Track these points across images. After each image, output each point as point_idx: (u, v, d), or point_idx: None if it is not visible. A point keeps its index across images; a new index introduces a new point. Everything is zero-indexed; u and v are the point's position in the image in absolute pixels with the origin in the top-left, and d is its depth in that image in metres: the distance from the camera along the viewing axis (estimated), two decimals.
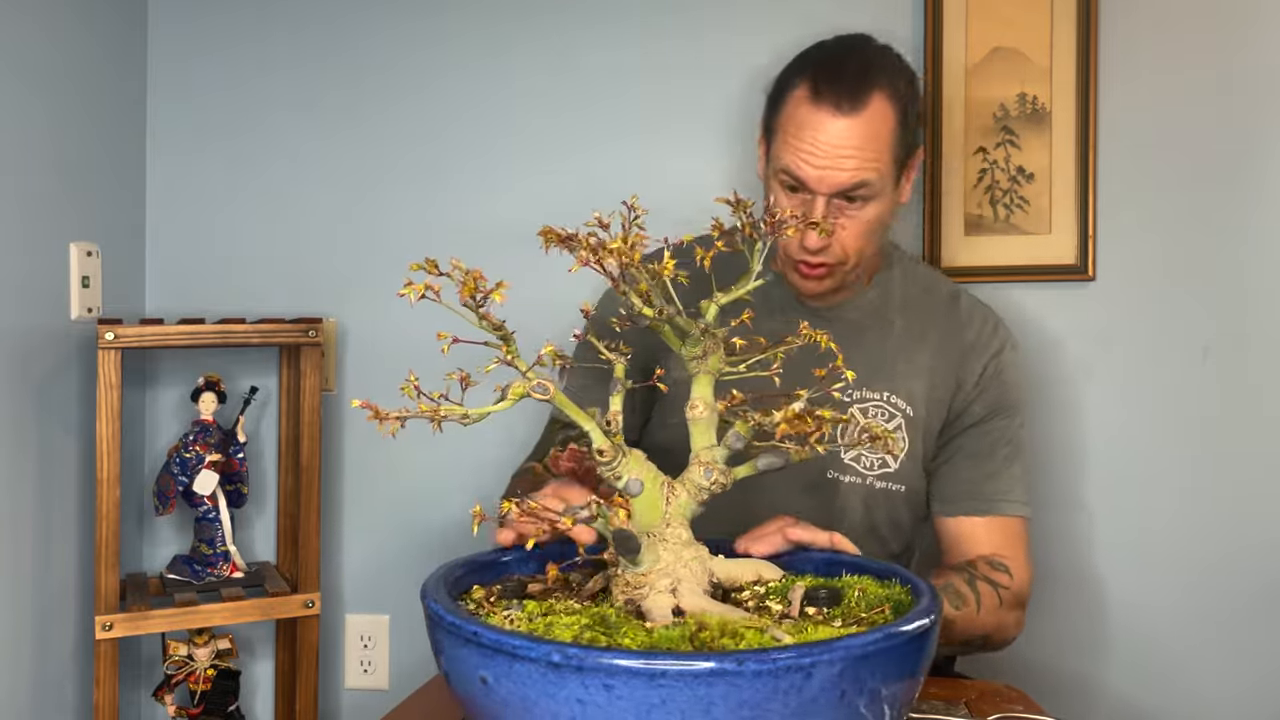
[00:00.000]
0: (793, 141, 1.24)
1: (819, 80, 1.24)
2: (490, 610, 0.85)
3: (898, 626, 0.72)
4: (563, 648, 0.67)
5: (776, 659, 0.66)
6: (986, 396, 1.35)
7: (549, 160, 1.79)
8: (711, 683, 0.64)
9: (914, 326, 1.37)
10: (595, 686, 0.65)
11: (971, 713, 1.05)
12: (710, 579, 0.87)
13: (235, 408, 1.70)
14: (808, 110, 1.23)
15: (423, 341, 1.86)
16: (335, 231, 1.84)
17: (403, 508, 1.83)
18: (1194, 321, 1.64)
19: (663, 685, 0.64)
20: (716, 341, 0.88)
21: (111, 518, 1.50)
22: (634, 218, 0.85)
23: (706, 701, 0.65)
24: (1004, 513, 1.33)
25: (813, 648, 0.68)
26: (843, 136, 1.22)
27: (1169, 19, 1.63)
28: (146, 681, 1.86)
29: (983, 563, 1.28)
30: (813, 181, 1.23)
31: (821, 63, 1.27)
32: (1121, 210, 1.64)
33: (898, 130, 1.25)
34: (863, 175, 1.22)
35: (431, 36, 1.82)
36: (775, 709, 0.66)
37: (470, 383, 0.83)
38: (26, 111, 1.55)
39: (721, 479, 0.87)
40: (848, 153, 1.22)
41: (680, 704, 0.65)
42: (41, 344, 1.59)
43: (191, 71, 1.86)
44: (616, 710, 0.65)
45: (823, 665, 0.67)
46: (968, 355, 1.36)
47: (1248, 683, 1.63)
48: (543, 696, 0.67)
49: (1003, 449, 1.35)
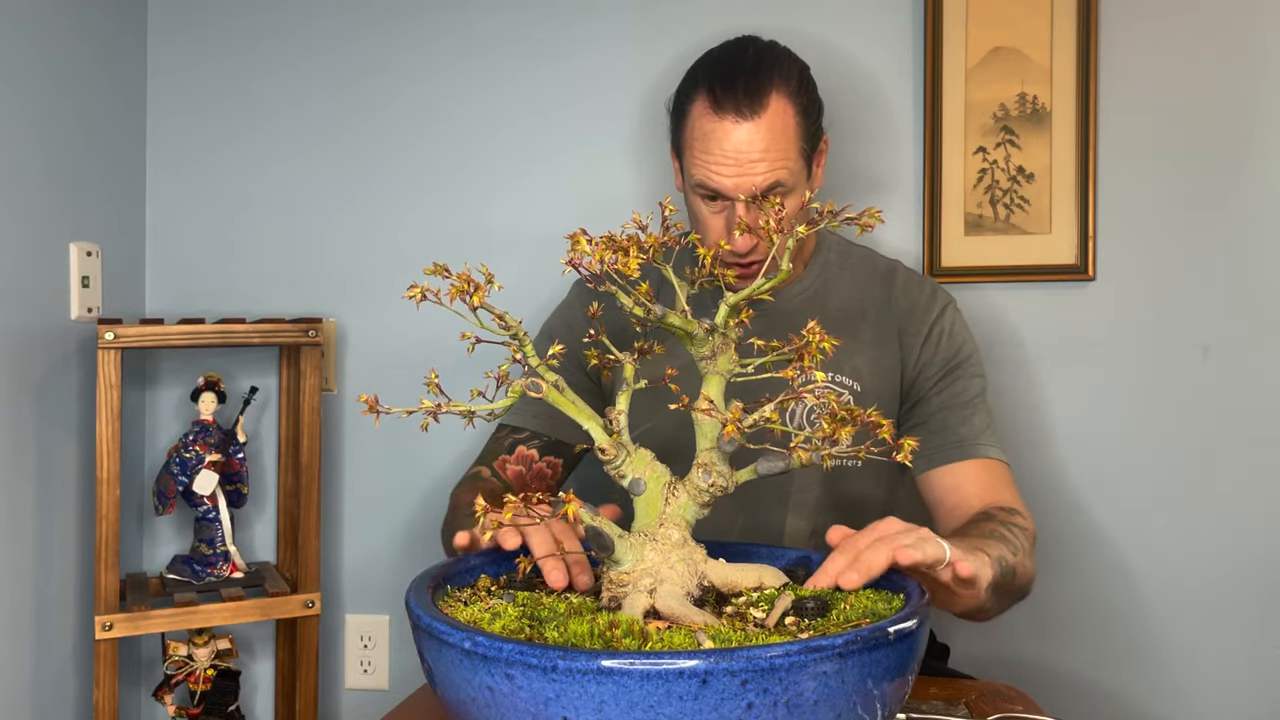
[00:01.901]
0: (701, 156, 1.26)
1: (715, 89, 1.25)
2: (482, 598, 0.88)
3: (814, 642, 0.69)
4: (473, 636, 0.71)
5: (667, 663, 0.66)
6: (940, 356, 1.36)
7: (550, 161, 1.79)
8: (601, 681, 0.66)
9: (852, 305, 1.38)
10: (499, 675, 0.69)
11: (971, 713, 1.05)
12: (701, 582, 0.86)
13: (235, 408, 1.70)
14: (710, 122, 1.25)
15: (422, 341, 1.87)
16: (335, 231, 1.84)
17: (403, 508, 1.83)
18: (1194, 321, 1.64)
19: (555, 680, 0.67)
20: (727, 342, 0.88)
21: (111, 518, 1.50)
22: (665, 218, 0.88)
23: (598, 700, 0.66)
24: (985, 455, 1.32)
25: (710, 655, 0.67)
26: (748, 142, 1.23)
27: (1169, 18, 1.63)
28: (146, 681, 1.86)
29: (998, 510, 1.26)
30: (729, 190, 1.25)
31: (714, 72, 1.28)
32: (1121, 210, 1.64)
33: (800, 123, 1.27)
34: (775, 176, 1.24)
35: (431, 37, 1.82)
36: (670, 713, 0.66)
37: (507, 380, 0.86)
38: (27, 112, 1.55)
39: (720, 481, 0.86)
40: (756, 157, 1.23)
41: (573, 699, 0.67)
42: (41, 344, 1.59)
43: (191, 72, 1.86)
44: (519, 699, 0.69)
45: (720, 674, 0.66)
46: (908, 321, 1.38)
47: (1248, 683, 1.63)
48: (463, 680, 0.73)
49: (967, 400, 1.36)
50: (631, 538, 0.86)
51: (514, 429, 1.43)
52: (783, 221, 0.88)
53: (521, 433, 1.41)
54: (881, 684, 0.73)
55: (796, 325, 0.98)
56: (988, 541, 1.10)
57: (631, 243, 0.85)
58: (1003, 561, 1.09)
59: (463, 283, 0.82)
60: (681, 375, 0.95)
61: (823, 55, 1.71)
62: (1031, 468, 1.67)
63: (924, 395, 1.37)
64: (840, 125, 1.71)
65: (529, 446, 1.39)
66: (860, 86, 1.71)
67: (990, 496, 1.29)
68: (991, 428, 1.36)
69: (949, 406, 1.35)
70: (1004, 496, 1.30)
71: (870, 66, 1.70)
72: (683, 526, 0.87)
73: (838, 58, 1.71)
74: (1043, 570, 1.67)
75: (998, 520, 1.22)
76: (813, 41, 1.71)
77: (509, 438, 1.41)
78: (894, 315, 1.39)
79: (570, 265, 0.85)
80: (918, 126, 1.69)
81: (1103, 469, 1.66)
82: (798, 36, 1.72)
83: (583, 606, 0.86)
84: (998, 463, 1.33)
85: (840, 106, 1.71)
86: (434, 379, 0.86)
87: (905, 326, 1.38)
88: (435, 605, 0.83)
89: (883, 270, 1.43)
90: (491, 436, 1.45)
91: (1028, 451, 1.67)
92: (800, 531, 1.36)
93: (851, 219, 0.86)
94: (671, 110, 1.35)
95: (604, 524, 0.84)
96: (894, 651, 0.74)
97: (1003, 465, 1.34)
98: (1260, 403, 1.62)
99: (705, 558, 0.88)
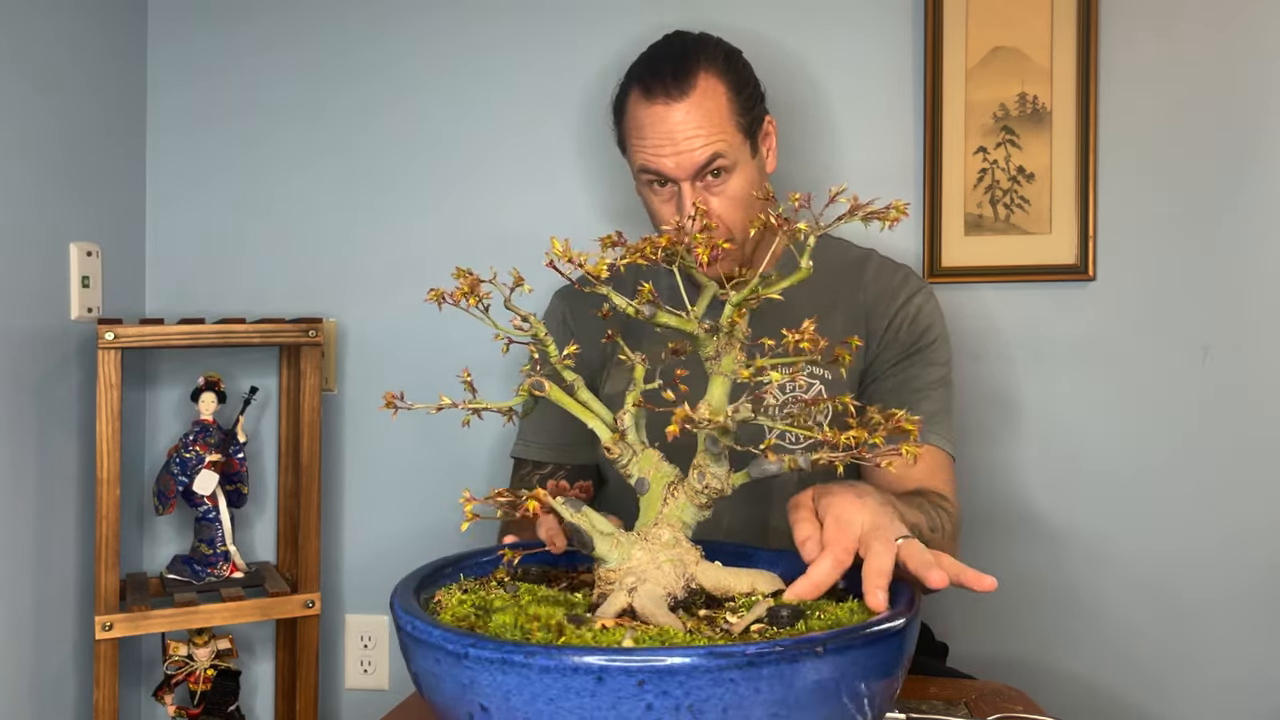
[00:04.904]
0: (638, 143, 1.32)
1: (645, 79, 1.32)
2: (489, 589, 0.91)
3: (719, 648, 0.68)
4: (413, 621, 0.76)
5: (564, 658, 0.67)
6: (900, 340, 1.36)
7: (551, 162, 1.79)
8: (506, 671, 0.69)
9: (822, 296, 1.38)
10: (431, 659, 0.74)
11: (971, 713, 1.05)
12: (689, 584, 0.85)
13: (235, 408, 1.70)
14: (644, 109, 1.31)
15: (422, 341, 1.87)
16: (335, 231, 1.84)
17: (403, 508, 1.83)
18: (1194, 321, 1.64)
19: (468, 667, 0.70)
20: (731, 342, 0.87)
21: (111, 518, 1.50)
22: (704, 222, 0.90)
23: (504, 689, 0.69)
24: (925, 440, 1.30)
25: (607, 653, 0.68)
26: (682, 120, 1.29)
27: (1169, 19, 1.63)
28: (146, 681, 1.86)
29: (930, 492, 1.26)
30: (671, 170, 1.30)
31: (643, 64, 1.35)
32: (1121, 210, 1.64)
33: (733, 99, 1.31)
34: (714, 148, 1.29)
35: (431, 38, 1.82)
36: (570, 708, 0.67)
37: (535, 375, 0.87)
38: (27, 112, 1.55)
39: (715, 483, 0.85)
40: (691, 133, 1.28)
41: (484, 687, 0.70)
42: (41, 344, 1.59)
43: (192, 72, 1.86)
44: (446, 684, 0.73)
45: (615, 672, 0.67)
46: (875, 307, 1.38)
47: (1247, 682, 1.63)
48: (412, 661, 0.78)
49: (920, 386, 1.35)
50: (621, 536, 0.85)
51: (536, 464, 1.46)
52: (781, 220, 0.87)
53: (545, 467, 1.45)
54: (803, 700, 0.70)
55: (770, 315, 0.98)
56: (909, 509, 1.08)
57: (607, 242, 0.85)
58: (916, 530, 1.06)
59: (470, 284, 0.83)
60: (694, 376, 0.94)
61: (823, 55, 1.72)
62: (1031, 468, 1.67)
63: (878, 376, 1.36)
64: (840, 125, 1.72)
65: (556, 479, 1.41)
66: (860, 86, 1.71)
67: (924, 482, 1.28)
68: (943, 417, 1.34)
69: (899, 390, 1.34)
70: (937, 484, 1.29)
71: (870, 66, 1.70)
72: (678, 527, 0.86)
73: (838, 58, 1.71)
74: (1043, 570, 1.68)
75: (925, 497, 1.22)
76: (813, 42, 1.72)
77: (534, 474, 1.44)
78: (862, 301, 1.39)
79: (549, 266, 0.85)
80: (918, 126, 1.69)
81: (1102, 469, 1.66)
82: (798, 37, 1.72)
83: (560, 600, 0.87)
84: (939, 451, 1.32)
85: (840, 106, 1.71)
86: (467, 376, 0.89)
87: (872, 311, 1.38)
88: (417, 596, 0.86)
89: (855, 258, 1.44)
90: (516, 475, 1.48)
91: (1027, 452, 1.67)
92: (785, 527, 1.36)
93: (875, 213, 0.85)
94: (613, 111, 1.40)
95: (585, 521, 0.84)
96: (821, 664, 0.70)
97: (944, 455, 1.32)
98: (1260, 403, 1.62)
99: (698, 559, 0.87)
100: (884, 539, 0.87)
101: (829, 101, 1.72)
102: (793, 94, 1.69)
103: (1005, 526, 1.67)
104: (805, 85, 1.70)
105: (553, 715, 0.68)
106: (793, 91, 1.69)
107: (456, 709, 0.73)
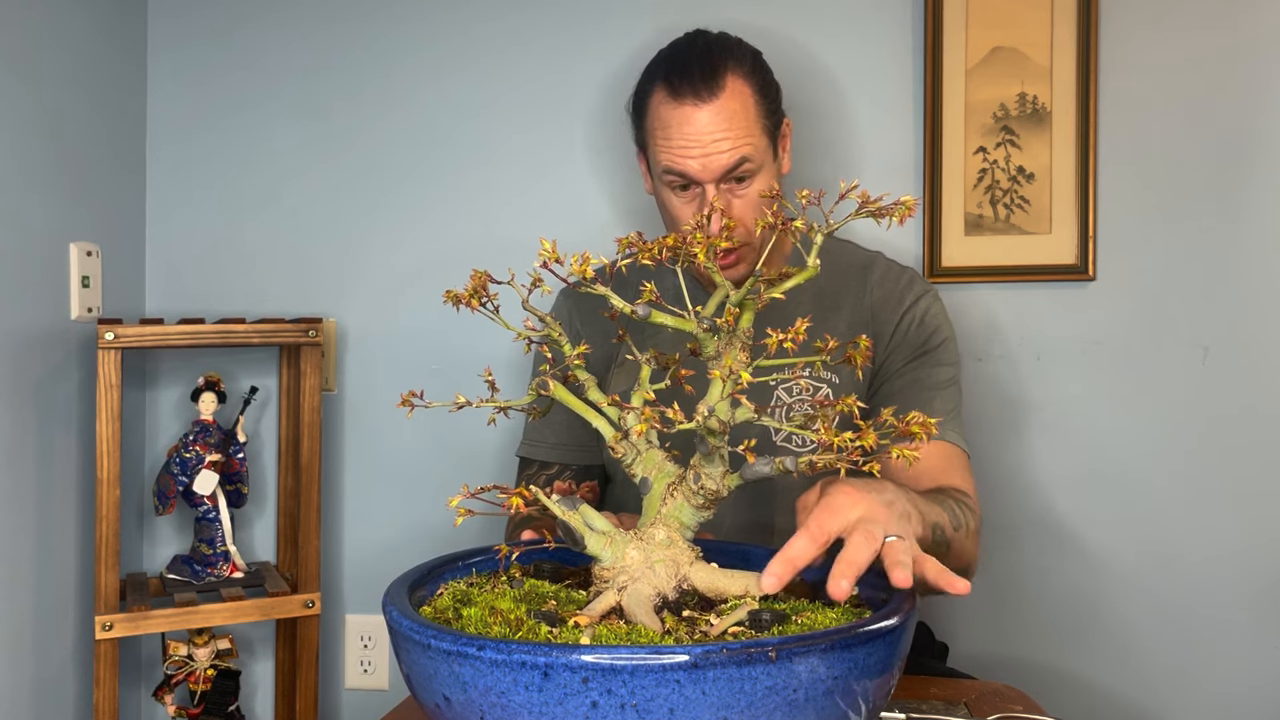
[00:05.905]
0: (664, 143, 1.29)
1: (671, 78, 1.28)
2: (494, 584, 0.92)
3: (665, 649, 0.68)
4: (392, 612, 0.79)
5: (511, 652, 0.69)
6: (909, 341, 1.36)
7: (553, 164, 1.79)
8: (461, 662, 0.71)
9: (828, 299, 1.39)
10: (404, 649, 0.77)
11: (971, 713, 1.05)
12: (682, 585, 0.85)
13: (235, 408, 1.70)
14: (670, 109, 1.28)
15: (422, 341, 1.87)
16: (335, 231, 1.84)
17: (403, 507, 1.83)
18: (1194, 321, 1.64)
19: (431, 658, 0.73)
20: (732, 341, 0.86)
21: (111, 518, 1.50)
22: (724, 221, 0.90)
23: (461, 680, 0.71)
24: (943, 438, 1.30)
25: (553, 650, 0.68)
26: (710, 123, 1.26)
27: (1169, 19, 1.63)
28: (146, 681, 1.86)
29: (951, 489, 1.25)
30: (696, 172, 1.27)
31: (669, 63, 1.31)
32: (1121, 210, 1.64)
33: (759, 102, 1.30)
34: (741, 152, 1.27)
35: (432, 38, 1.82)
36: (520, 702, 0.69)
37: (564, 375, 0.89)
38: (27, 112, 1.55)
39: (710, 485, 0.85)
40: (719, 136, 1.26)
41: (444, 677, 0.73)
42: (41, 344, 1.59)
43: (191, 72, 1.86)
44: (417, 672, 0.76)
45: (559, 669, 0.68)
46: (880, 310, 1.38)
47: (1248, 683, 1.63)
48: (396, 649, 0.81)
49: (931, 385, 1.35)
50: (615, 535, 0.85)
51: (542, 464, 1.45)
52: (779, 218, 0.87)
53: (551, 467, 1.45)
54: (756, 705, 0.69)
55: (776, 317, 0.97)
56: (930, 506, 1.07)
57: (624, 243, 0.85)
58: (938, 529, 1.06)
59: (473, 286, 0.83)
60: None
61: (823, 55, 1.72)
62: (1030, 468, 1.67)
63: (888, 377, 1.36)
64: (840, 124, 1.72)
65: (563, 479, 1.41)
66: (861, 86, 1.71)
67: (943, 479, 1.27)
68: (954, 416, 1.34)
69: (910, 389, 1.34)
70: (956, 480, 1.28)
71: (870, 66, 1.71)
72: (674, 527, 0.86)
73: (838, 58, 1.71)
74: (1043, 569, 1.68)
75: (948, 494, 1.20)
76: (813, 42, 1.72)
77: (540, 475, 1.44)
78: (869, 304, 1.39)
79: (544, 267, 0.85)
80: (918, 126, 1.69)
81: (1102, 469, 1.66)
82: (798, 37, 1.72)
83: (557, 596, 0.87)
84: (955, 448, 1.31)
85: (840, 106, 1.71)
86: (489, 375, 0.91)
87: (879, 314, 1.38)
88: (411, 593, 0.87)
89: (862, 261, 1.43)
90: (522, 475, 1.47)
91: (1027, 452, 1.67)
92: (790, 528, 1.36)
93: (883, 210, 0.84)
94: (631, 110, 1.38)
95: (576, 520, 0.85)
96: (774, 670, 0.69)
97: (961, 452, 1.32)
98: (1260, 403, 1.62)
99: (694, 560, 0.86)
100: (867, 532, 0.85)
101: (829, 101, 1.72)
102: (792, 94, 1.69)
103: (1005, 526, 1.67)
104: (805, 85, 1.70)
105: (504, 708, 0.70)
106: (792, 92, 1.69)
107: (425, 698, 0.76)
